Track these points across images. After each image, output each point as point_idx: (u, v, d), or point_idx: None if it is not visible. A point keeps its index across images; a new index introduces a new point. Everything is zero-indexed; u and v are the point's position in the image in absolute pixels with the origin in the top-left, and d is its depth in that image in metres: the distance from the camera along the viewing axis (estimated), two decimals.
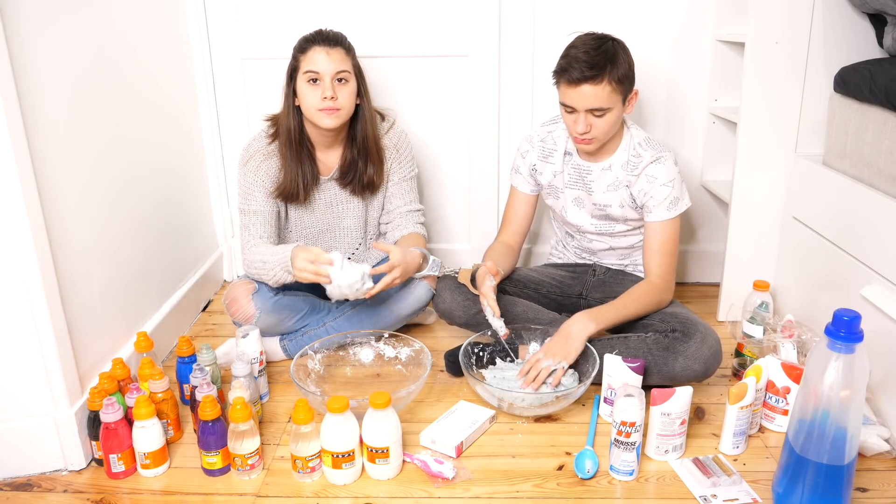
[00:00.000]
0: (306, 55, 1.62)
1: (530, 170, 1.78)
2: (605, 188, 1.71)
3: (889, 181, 1.49)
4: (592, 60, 1.51)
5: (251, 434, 1.34)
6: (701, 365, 1.51)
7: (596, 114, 1.56)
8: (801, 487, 1.20)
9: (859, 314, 1.11)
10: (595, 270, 1.86)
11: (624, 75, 1.54)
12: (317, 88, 1.62)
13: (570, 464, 1.40)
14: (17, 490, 1.36)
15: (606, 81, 1.52)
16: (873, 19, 1.71)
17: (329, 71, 1.61)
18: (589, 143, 1.61)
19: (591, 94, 1.53)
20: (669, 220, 1.65)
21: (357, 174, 1.75)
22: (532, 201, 1.83)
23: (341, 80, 1.63)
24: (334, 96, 1.61)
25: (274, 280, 1.64)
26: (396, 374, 1.70)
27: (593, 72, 1.51)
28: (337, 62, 1.62)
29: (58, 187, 1.39)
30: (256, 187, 1.71)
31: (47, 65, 1.37)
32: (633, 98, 1.61)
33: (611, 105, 1.55)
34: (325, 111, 1.62)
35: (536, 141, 1.77)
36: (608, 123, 1.57)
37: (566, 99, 1.57)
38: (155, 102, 1.87)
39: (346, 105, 1.65)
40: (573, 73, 1.52)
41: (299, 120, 1.69)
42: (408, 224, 1.83)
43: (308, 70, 1.61)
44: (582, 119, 1.56)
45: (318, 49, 1.61)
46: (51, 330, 1.33)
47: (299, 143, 1.70)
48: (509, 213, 1.85)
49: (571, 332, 1.56)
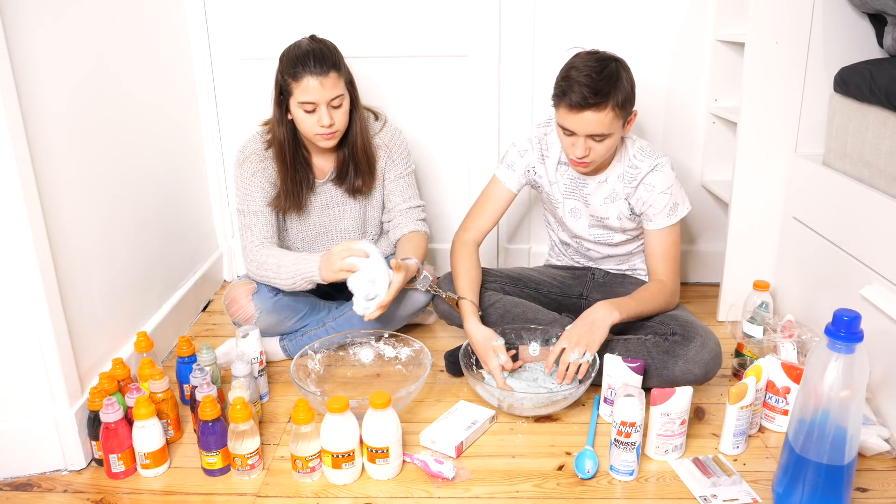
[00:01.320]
0: (299, 84, 1.56)
1: (525, 169, 1.76)
2: (601, 200, 1.69)
3: (889, 181, 1.49)
4: (596, 86, 1.45)
5: (251, 434, 1.34)
6: (701, 369, 1.51)
7: (596, 139, 1.52)
8: (801, 487, 1.20)
9: (859, 314, 1.11)
10: (594, 274, 1.86)
11: (625, 99, 1.50)
12: (313, 115, 1.60)
13: (570, 464, 1.40)
14: (17, 490, 1.36)
15: (609, 108, 1.47)
16: (873, 19, 1.71)
17: (324, 99, 1.58)
18: (586, 166, 1.58)
19: (593, 121, 1.48)
20: (670, 226, 1.65)
21: (349, 177, 1.75)
22: (511, 199, 1.79)
23: (336, 105, 1.61)
24: (331, 122, 1.60)
25: (289, 286, 1.64)
26: (396, 374, 1.70)
27: (597, 98, 1.45)
28: (330, 89, 1.58)
29: (58, 187, 1.39)
30: (254, 188, 1.71)
31: (47, 65, 1.37)
32: (632, 119, 1.57)
33: (612, 131, 1.51)
34: (323, 136, 1.62)
35: (535, 141, 1.76)
36: (607, 147, 1.54)
37: (566, 123, 1.52)
38: (155, 102, 1.87)
39: (342, 125, 1.64)
40: (574, 97, 1.46)
41: (292, 130, 1.67)
42: (408, 222, 1.83)
43: (303, 101, 1.58)
44: (581, 144, 1.52)
45: (310, 78, 1.55)
46: (51, 330, 1.33)
47: (293, 154, 1.69)
48: (486, 205, 1.77)
49: (595, 321, 1.51)
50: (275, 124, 1.67)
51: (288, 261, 1.63)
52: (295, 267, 1.61)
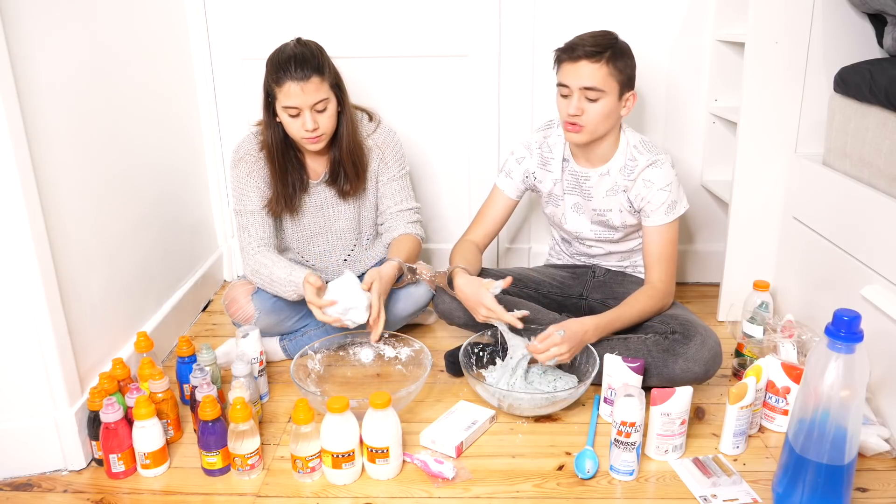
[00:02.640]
0: (281, 89, 1.57)
1: (524, 176, 1.78)
2: (603, 193, 1.70)
3: (889, 181, 1.49)
4: (595, 40, 1.55)
5: (251, 434, 1.34)
6: (701, 367, 1.51)
7: (590, 96, 1.56)
8: (801, 487, 1.20)
9: (859, 314, 1.11)
10: (595, 272, 1.86)
11: (625, 66, 1.57)
12: (298, 119, 1.60)
13: (570, 464, 1.40)
14: (17, 490, 1.36)
15: (605, 61, 1.54)
16: (873, 19, 1.71)
17: (306, 104, 1.58)
18: (578, 129, 1.59)
19: (587, 72, 1.54)
20: (667, 224, 1.65)
21: (340, 179, 1.75)
22: (512, 206, 1.82)
23: (320, 110, 1.60)
24: (316, 126, 1.60)
25: (283, 295, 1.66)
26: (396, 374, 1.70)
27: (595, 49, 1.54)
28: (312, 94, 1.57)
29: (58, 187, 1.39)
30: (250, 188, 1.71)
31: (47, 64, 1.37)
32: (630, 99, 1.60)
33: (605, 89, 1.55)
34: (309, 140, 1.62)
35: (534, 147, 1.76)
36: (600, 112, 1.57)
37: (563, 77, 1.59)
38: (155, 102, 1.87)
39: (328, 128, 1.64)
40: (575, 49, 1.55)
41: (282, 133, 1.68)
42: (399, 224, 1.82)
43: (286, 106, 1.58)
44: (575, 100, 1.57)
45: (291, 84, 1.55)
46: (51, 330, 1.33)
47: (283, 156, 1.69)
48: (486, 212, 1.81)
49: (584, 340, 1.53)
50: (265, 127, 1.68)
51: (281, 273, 1.64)
52: (288, 278, 1.63)
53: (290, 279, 1.62)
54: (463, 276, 1.62)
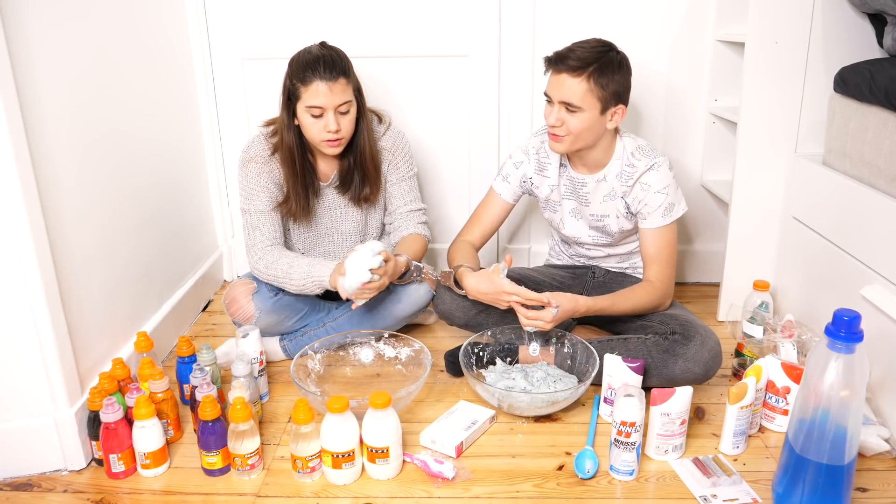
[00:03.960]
0: (307, 88, 1.57)
1: (521, 181, 1.78)
2: (600, 199, 1.70)
3: (889, 181, 1.49)
4: (579, 54, 1.53)
5: (251, 434, 1.34)
6: (701, 368, 1.51)
7: (569, 109, 1.55)
8: (801, 487, 1.20)
9: (859, 314, 1.11)
10: (594, 272, 1.86)
11: (610, 81, 1.53)
12: (320, 121, 1.60)
13: (570, 464, 1.40)
14: (17, 490, 1.36)
15: (585, 78, 1.52)
16: (873, 19, 1.71)
17: (332, 105, 1.58)
18: (558, 139, 1.60)
19: (567, 86, 1.54)
20: (665, 226, 1.65)
21: (354, 185, 1.76)
22: (508, 210, 1.82)
23: (343, 112, 1.61)
24: (338, 128, 1.60)
25: (296, 289, 1.66)
26: (396, 374, 1.70)
27: (578, 63, 1.52)
28: (339, 95, 1.58)
29: (58, 187, 1.39)
30: (260, 189, 1.71)
31: (47, 64, 1.37)
32: (617, 113, 1.59)
33: (583, 105, 1.54)
34: (329, 142, 1.62)
35: (532, 153, 1.76)
36: (578, 126, 1.56)
37: (547, 86, 1.59)
38: (155, 102, 1.87)
39: (348, 133, 1.65)
40: (560, 61, 1.55)
41: (299, 135, 1.68)
42: (408, 225, 1.83)
43: (310, 105, 1.58)
44: (555, 111, 1.57)
45: (319, 83, 1.56)
46: (51, 330, 1.33)
47: (301, 158, 1.69)
48: (482, 215, 1.82)
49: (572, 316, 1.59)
50: (282, 129, 1.67)
51: (302, 264, 1.64)
52: (309, 269, 1.63)
53: (315, 264, 1.63)
54: (471, 275, 1.62)
